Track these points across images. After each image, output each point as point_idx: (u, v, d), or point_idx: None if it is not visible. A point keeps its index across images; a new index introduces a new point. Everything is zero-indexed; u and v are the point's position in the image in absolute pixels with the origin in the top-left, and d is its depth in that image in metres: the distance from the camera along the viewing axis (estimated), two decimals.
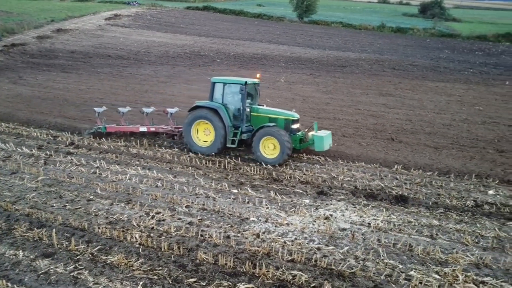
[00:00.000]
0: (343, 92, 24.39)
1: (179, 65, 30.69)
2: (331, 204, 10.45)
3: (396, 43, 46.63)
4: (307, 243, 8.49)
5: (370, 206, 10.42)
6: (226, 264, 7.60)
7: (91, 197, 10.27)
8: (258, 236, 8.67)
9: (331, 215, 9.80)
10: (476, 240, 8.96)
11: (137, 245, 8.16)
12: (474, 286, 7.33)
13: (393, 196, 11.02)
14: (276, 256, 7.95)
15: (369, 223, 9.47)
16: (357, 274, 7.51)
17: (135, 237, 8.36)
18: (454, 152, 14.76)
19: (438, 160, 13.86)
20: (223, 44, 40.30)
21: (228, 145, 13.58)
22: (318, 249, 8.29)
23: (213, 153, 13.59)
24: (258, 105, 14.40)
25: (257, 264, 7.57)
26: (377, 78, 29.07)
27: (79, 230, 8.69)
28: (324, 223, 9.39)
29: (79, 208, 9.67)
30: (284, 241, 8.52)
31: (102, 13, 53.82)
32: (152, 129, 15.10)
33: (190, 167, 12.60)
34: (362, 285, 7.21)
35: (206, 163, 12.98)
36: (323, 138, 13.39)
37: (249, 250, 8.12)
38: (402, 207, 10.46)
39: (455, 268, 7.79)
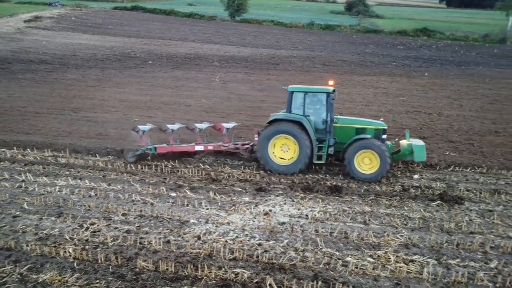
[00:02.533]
0: (277, 89, 24.84)
1: (108, 68, 29.48)
2: (270, 199, 10.65)
3: (325, 40, 48.41)
4: (248, 240, 8.59)
5: (307, 198, 10.77)
6: (167, 269, 7.48)
7: (17, 213, 9.57)
8: (199, 238, 8.62)
9: (270, 210, 9.99)
10: (405, 222, 9.61)
11: (71, 260, 7.75)
12: (404, 265, 7.85)
13: (328, 187, 11.47)
14: (218, 256, 7.96)
15: (306, 215, 9.80)
16: (297, 265, 7.75)
17: (69, 252, 7.94)
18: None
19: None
20: (154, 44, 39.35)
21: (314, 161, 12.36)
22: (259, 245, 8.43)
23: (295, 173, 12.25)
24: (336, 115, 13.09)
25: (199, 266, 7.53)
26: (309, 74, 29.99)
27: (4, 250, 8.07)
28: (264, 219, 9.55)
29: (4, 226, 8.97)
30: (226, 241, 8.55)
31: (21, 15, 50.18)
32: (210, 147, 13.55)
33: (125, 174, 12.18)
34: (303, 275, 7.45)
35: (142, 168, 12.63)
36: (424, 147, 12.53)
37: (191, 253, 8.05)
38: (337, 197, 10.93)
39: (387, 250, 8.31)
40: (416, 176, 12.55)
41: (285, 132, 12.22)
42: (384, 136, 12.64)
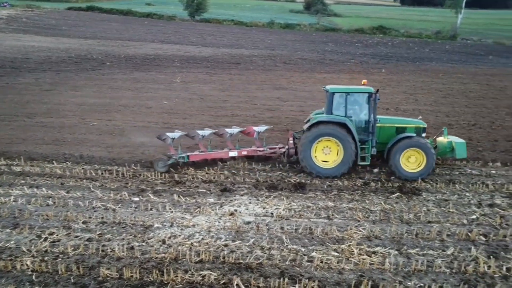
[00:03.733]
0: (239, 89, 24.91)
1: (64, 70, 28.41)
2: (235, 199, 10.65)
3: (286, 39, 48.92)
4: (214, 242, 8.55)
5: (272, 196, 10.86)
6: (132, 276, 7.32)
7: None
8: (164, 242, 8.50)
9: (235, 210, 10.00)
10: (366, 215, 9.89)
11: (30, 273, 7.43)
12: (367, 256, 8.07)
13: (292, 184, 11.62)
14: (184, 259, 7.88)
15: (272, 213, 9.88)
16: (264, 263, 7.80)
17: (26, 264, 7.61)
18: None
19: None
20: (112, 46, 38.33)
21: (359, 163, 12.21)
22: (226, 245, 8.42)
23: (338, 176, 12.04)
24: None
25: (165, 271, 7.42)
26: (270, 73, 30.23)
27: None
28: (230, 219, 9.54)
29: None
30: (191, 243, 8.47)
31: None
32: (244, 152, 13.06)
33: (84, 180, 11.79)
34: (269, 273, 7.51)
35: (102, 173, 12.27)
36: (465, 144, 12.61)
37: (156, 258, 7.92)
38: (301, 194, 11.09)
39: (350, 243, 8.52)
40: (376, 170, 12.92)
41: (330, 135, 11.92)
42: (424, 135, 12.64)
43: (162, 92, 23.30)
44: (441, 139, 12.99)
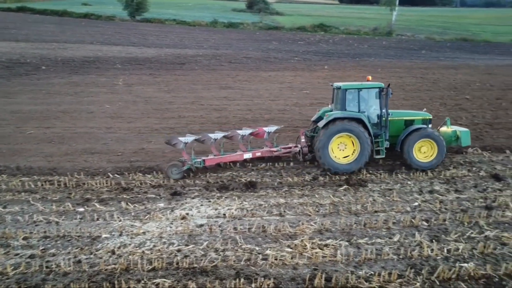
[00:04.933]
0: (185, 89, 24.53)
1: None
2: (186, 203, 10.48)
3: (230, 38, 48.85)
4: (166, 248, 8.35)
5: (224, 197, 10.80)
6: None
7: None
8: (113, 252, 8.16)
9: (187, 214, 9.83)
10: (317, 210, 10.12)
11: None
12: (320, 250, 8.26)
13: (243, 183, 11.63)
14: (135, 268, 7.61)
15: (224, 214, 9.82)
16: (219, 265, 7.73)
17: None
18: (291, 133, 16.29)
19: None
20: (47, 48, 36.20)
21: (375, 157, 12.49)
22: (179, 250, 8.25)
23: (355, 171, 12.27)
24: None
25: (116, 282, 7.15)
26: (216, 72, 30.04)
27: None
28: (182, 223, 9.36)
29: None
30: (143, 251, 8.22)
31: None
32: (258, 154, 12.86)
33: (23, 193, 11.05)
34: (225, 275, 7.45)
35: (42, 185, 11.57)
36: (469, 132, 13.19)
37: (105, 269, 7.59)
38: (252, 193, 11.12)
39: (302, 238, 8.67)
40: None
41: (347, 131, 12.08)
42: (430, 126, 13.15)
43: (104, 96, 22.40)
44: (445, 129, 13.51)
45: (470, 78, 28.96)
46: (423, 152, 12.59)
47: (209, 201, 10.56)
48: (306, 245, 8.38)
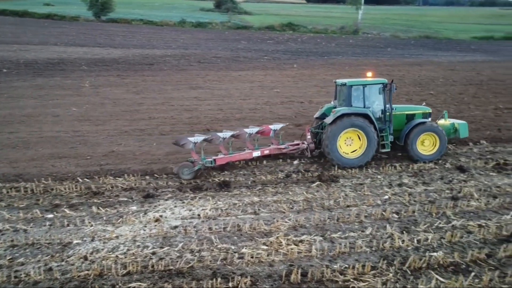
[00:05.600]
0: (154, 90, 24.20)
1: None
2: (159, 205, 10.34)
3: (198, 38, 48.54)
4: (141, 251, 8.21)
5: (198, 197, 10.73)
6: None
7: None
8: (85, 258, 7.95)
9: (161, 216, 9.70)
10: (291, 206, 10.22)
11: None
12: (295, 246, 8.34)
13: (217, 183, 11.59)
14: (109, 274, 7.45)
15: (199, 214, 9.76)
16: (195, 266, 7.68)
17: None
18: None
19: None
20: (8, 50, 34.80)
21: (381, 150, 12.91)
22: (153, 253, 8.13)
23: (363, 165, 12.65)
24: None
25: None
26: (185, 72, 29.79)
27: None
28: (156, 225, 9.24)
29: None
30: (116, 256, 8.05)
31: None
32: (266, 151, 12.90)
33: None
34: (201, 275, 7.41)
35: (8, 192, 11.11)
36: (467, 124, 13.60)
37: (78, 276, 7.39)
38: (226, 192, 11.11)
39: (278, 235, 8.73)
40: (296, 162, 13.41)
41: (354, 126, 12.38)
42: (430, 119, 13.60)
43: (70, 99, 21.79)
44: (443, 122, 13.96)
45: (434, 74, 29.99)
46: (426, 145, 13.14)
47: (183, 202, 10.47)
48: (281, 242, 8.45)
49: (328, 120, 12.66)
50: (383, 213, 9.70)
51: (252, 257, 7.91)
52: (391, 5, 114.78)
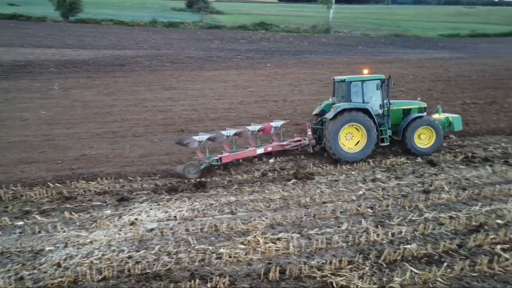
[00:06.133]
0: (126, 92, 23.77)
1: None
2: (134, 208, 10.18)
3: (170, 38, 48.00)
4: (116, 255, 8.06)
5: (173, 199, 10.62)
6: None
7: None
8: (59, 265, 7.73)
9: (136, 219, 9.55)
10: (267, 205, 10.24)
11: None
12: (273, 244, 8.37)
13: (193, 184, 11.50)
14: (84, 280, 7.27)
15: (175, 216, 9.66)
16: (173, 268, 7.59)
17: None
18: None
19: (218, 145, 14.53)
20: None
21: (380, 144, 13.24)
22: (129, 257, 7.99)
23: (363, 159, 13.00)
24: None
25: None
26: (158, 73, 29.41)
27: None
28: (131, 229, 9.08)
29: None
30: (91, 261, 7.86)
31: None
32: (270, 148, 13.10)
33: None
34: (179, 277, 7.34)
35: None
36: (460, 118, 14.06)
37: (51, 284, 7.17)
38: (202, 193, 11.04)
39: (255, 234, 8.73)
40: (271, 161, 13.46)
41: (355, 121, 12.71)
42: (425, 113, 13.96)
43: (39, 102, 21.14)
44: (438, 116, 14.33)
45: (403, 72, 30.69)
46: (422, 139, 13.55)
47: (159, 204, 10.34)
48: (259, 241, 8.47)
49: (329, 115, 12.92)
50: (358, 208, 9.87)
51: (230, 257, 7.89)
52: (361, 4, 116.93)
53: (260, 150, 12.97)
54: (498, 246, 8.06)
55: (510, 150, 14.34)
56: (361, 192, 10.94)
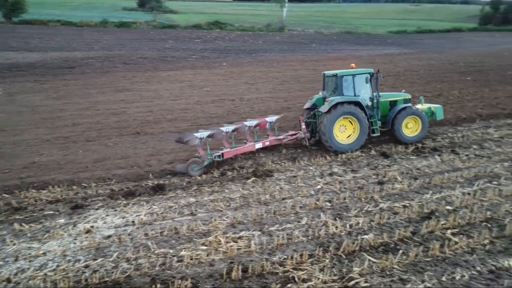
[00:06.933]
0: (77, 95, 22.86)
1: None
2: (89, 215, 9.81)
3: (122, 38, 46.67)
4: (72, 266, 7.73)
5: (131, 204, 10.35)
6: None
7: None
8: (9, 280, 7.31)
9: (92, 226, 9.21)
10: (228, 204, 10.21)
11: None
12: (234, 243, 8.36)
13: (151, 187, 11.26)
14: None
15: (133, 221, 9.41)
16: (133, 275, 7.40)
17: None
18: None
19: (181, 145, 14.32)
20: None
21: (372, 135, 13.84)
22: (86, 266, 7.70)
23: (358, 149, 13.56)
24: None
25: None
26: (110, 75, 28.52)
27: None
28: (87, 237, 8.75)
29: None
30: (45, 274, 7.49)
31: None
32: (267, 143, 13.46)
33: None
34: (140, 284, 7.16)
35: None
36: (442, 108, 14.94)
37: None
38: (161, 195, 10.83)
39: (216, 234, 8.68)
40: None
41: (349, 113, 13.27)
42: (410, 104, 14.63)
43: None
44: (421, 106, 15.08)
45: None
46: (409, 128, 14.33)
47: (115, 210, 10.03)
48: (220, 241, 8.42)
49: (323, 109, 13.40)
50: (317, 202, 10.05)
51: (191, 259, 7.79)
52: (314, 3, 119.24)
53: (258, 145, 13.31)
54: (449, 231, 8.48)
55: (456, 139, 15.14)
56: (319, 187, 11.15)
